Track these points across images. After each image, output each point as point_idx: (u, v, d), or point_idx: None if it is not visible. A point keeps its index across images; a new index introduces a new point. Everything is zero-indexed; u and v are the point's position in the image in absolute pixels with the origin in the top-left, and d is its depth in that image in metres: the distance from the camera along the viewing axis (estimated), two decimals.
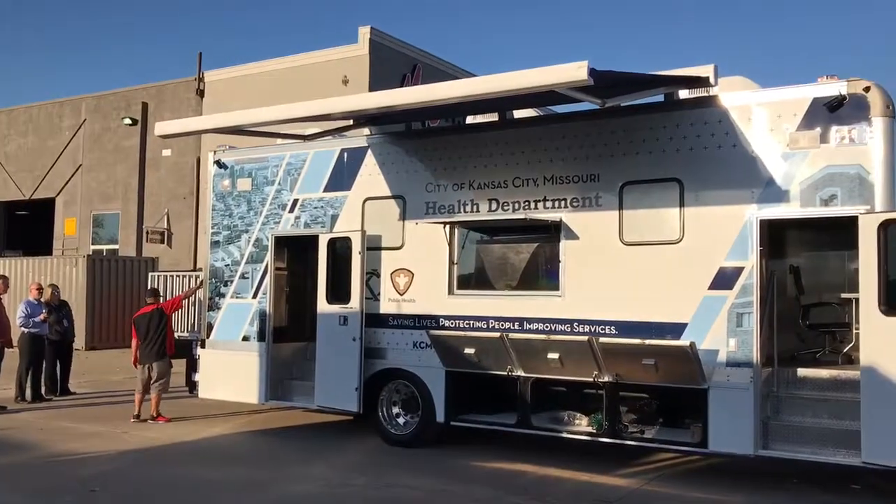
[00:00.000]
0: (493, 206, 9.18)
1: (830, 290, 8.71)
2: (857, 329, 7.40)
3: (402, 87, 21.52)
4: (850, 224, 7.23)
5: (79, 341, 20.42)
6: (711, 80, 7.90)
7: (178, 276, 16.48)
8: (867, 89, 7.31)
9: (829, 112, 7.43)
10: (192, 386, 11.73)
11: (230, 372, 10.92)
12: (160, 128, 10.46)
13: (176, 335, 12.31)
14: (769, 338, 7.87)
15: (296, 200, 10.59)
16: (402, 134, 10.04)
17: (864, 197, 7.25)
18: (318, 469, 8.58)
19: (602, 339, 8.21)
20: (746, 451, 7.63)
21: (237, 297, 10.98)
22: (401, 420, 9.82)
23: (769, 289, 7.99)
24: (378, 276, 9.85)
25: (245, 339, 10.81)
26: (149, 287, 18.09)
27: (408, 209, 9.71)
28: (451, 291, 9.38)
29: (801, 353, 8.67)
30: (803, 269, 9.05)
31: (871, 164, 7.26)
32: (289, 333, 11.00)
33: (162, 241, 26.68)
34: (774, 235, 8.34)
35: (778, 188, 7.63)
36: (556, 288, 8.72)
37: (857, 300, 7.27)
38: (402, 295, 9.67)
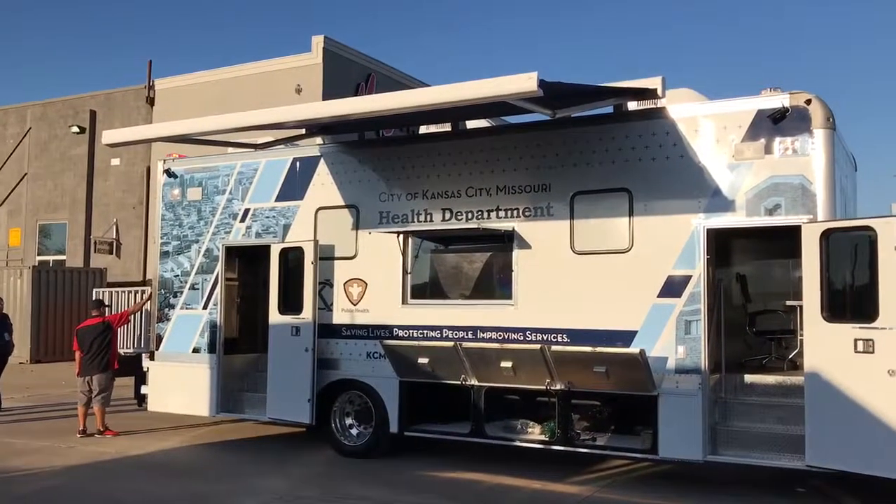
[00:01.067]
0: (447, 215, 9.21)
1: (776, 297, 8.92)
2: (801, 336, 7.57)
3: (356, 96, 21.47)
4: (794, 233, 7.41)
5: (24, 354, 19.91)
6: (659, 92, 8.04)
7: (125, 291, 16.18)
8: (809, 102, 7.52)
9: (773, 124, 7.62)
10: (140, 399, 11.50)
11: (180, 384, 10.74)
12: (108, 136, 10.27)
13: (121, 352, 12.08)
14: (717, 345, 8.03)
15: (247, 210, 10.49)
16: (356, 143, 10.02)
17: (807, 206, 7.45)
18: (270, 482, 8.47)
19: (554, 348, 8.28)
20: (696, 456, 7.75)
21: (187, 309, 10.81)
22: (354, 431, 9.76)
23: (716, 296, 8.15)
24: (331, 286, 9.79)
25: (195, 350, 10.65)
26: (93, 298, 17.68)
27: (361, 219, 9.68)
28: (404, 301, 9.37)
29: (748, 360, 8.85)
30: (749, 277, 9.26)
31: (814, 174, 7.46)
32: (240, 345, 10.87)
33: (110, 252, 26.15)
34: (721, 244, 8.52)
35: (724, 198, 7.79)
36: (509, 297, 8.77)
37: (801, 307, 7.44)
38: (355, 305, 9.63)
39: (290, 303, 9.83)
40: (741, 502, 7.70)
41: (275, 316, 9.94)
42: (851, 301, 7.28)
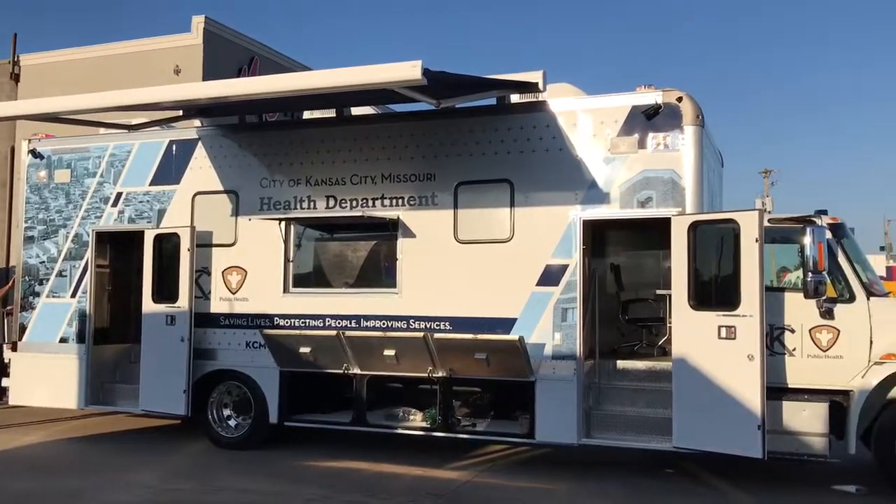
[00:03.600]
0: (331, 203, 9.12)
1: (647, 286, 9.32)
2: (670, 323, 7.95)
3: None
4: (664, 225, 7.76)
5: None
6: (540, 86, 8.23)
7: None
8: (680, 99, 7.87)
9: (647, 119, 7.94)
10: (0, 392, 10.86)
11: (46, 376, 10.22)
12: None
13: None
14: (591, 332, 8.32)
15: (119, 194, 10.08)
16: (236, 127, 9.76)
17: (677, 199, 7.80)
18: (143, 476, 8.17)
19: (437, 335, 8.36)
20: (571, 440, 8.01)
21: (54, 297, 10.28)
22: (232, 422, 9.55)
23: (591, 285, 8.44)
24: (209, 273, 9.53)
25: (63, 340, 10.16)
26: None
27: (241, 205, 9.45)
28: (286, 290, 9.22)
29: (621, 346, 9.21)
30: (623, 267, 9.63)
31: (683, 169, 7.82)
32: (111, 335, 10.46)
33: None
34: (597, 235, 8.83)
35: (600, 190, 8.06)
36: (393, 285, 8.79)
37: (670, 296, 7.81)
38: (234, 293, 9.41)
39: (165, 291, 9.51)
40: (613, 484, 8.01)
41: (149, 304, 9.59)
42: (716, 290, 7.68)
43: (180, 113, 10.12)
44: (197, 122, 9.96)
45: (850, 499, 7.46)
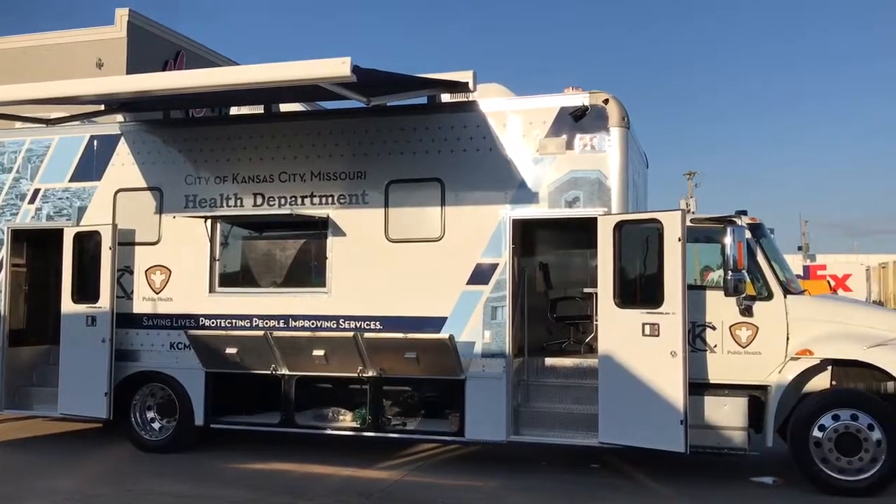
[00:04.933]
0: (259, 200, 8.98)
1: (575, 285, 9.47)
2: (596, 321, 8.09)
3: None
4: (591, 224, 7.89)
5: None
6: (470, 86, 8.25)
7: None
8: (606, 101, 8.01)
9: (574, 121, 8.06)
10: None
11: None
12: None
13: None
14: (521, 329, 8.42)
15: (37, 190, 9.74)
16: (160, 122, 9.54)
17: (603, 200, 7.95)
18: (62, 481, 7.90)
19: (367, 335, 8.33)
20: (500, 437, 8.07)
21: None
22: (156, 425, 9.33)
23: (521, 284, 8.54)
24: (131, 273, 9.28)
25: None
26: None
27: (165, 202, 9.23)
28: (212, 289, 9.05)
29: (549, 344, 9.35)
30: (552, 266, 9.77)
31: (609, 169, 7.97)
32: (28, 336, 10.15)
33: None
34: (526, 234, 8.92)
35: (529, 190, 8.15)
36: (323, 284, 8.71)
37: (596, 294, 7.95)
38: (157, 293, 9.18)
39: (86, 291, 9.23)
40: (541, 480, 8.11)
41: (68, 305, 9.30)
42: (640, 288, 7.85)
43: (102, 107, 9.82)
44: (119, 118, 9.69)
45: (767, 490, 7.72)
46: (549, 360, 8.57)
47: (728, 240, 7.48)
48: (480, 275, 8.17)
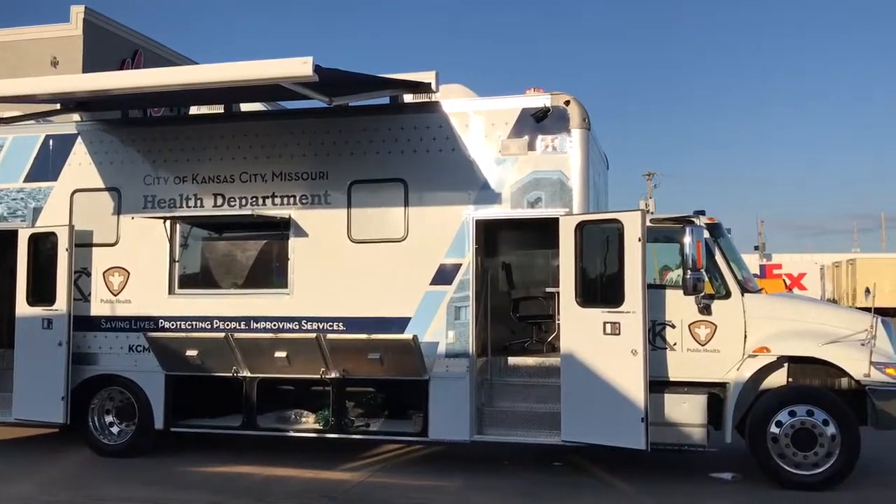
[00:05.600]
0: (219, 201, 8.89)
1: (537, 285, 9.53)
2: (558, 320, 8.15)
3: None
4: (553, 225, 7.95)
5: None
6: (433, 87, 8.27)
7: None
8: (567, 103, 8.08)
9: (536, 122, 8.12)
10: None
11: None
12: None
13: None
14: (484, 329, 8.45)
15: None
16: (118, 122, 9.39)
17: (565, 200, 8.01)
18: (17, 487, 7.74)
19: (330, 336, 8.29)
20: (463, 437, 8.09)
21: None
22: (115, 429, 9.18)
23: (484, 284, 8.56)
24: (88, 275, 9.13)
25: None
26: None
27: (123, 203, 9.09)
28: (171, 291, 8.94)
29: (512, 343, 9.39)
30: (514, 266, 9.82)
31: (571, 170, 8.04)
32: None
33: None
34: (489, 235, 8.95)
35: (492, 191, 8.18)
36: (285, 286, 8.65)
37: (558, 294, 8.01)
38: (116, 295, 9.04)
39: (42, 293, 9.05)
40: (505, 479, 8.15)
41: (23, 307, 9.11)
42: (601, 288, 7.94)
43: (57, 106, 9.62)
44: (76, 117, 9.51)
45: (726, 485, 7.84)
46: (512, 360, 8.61)
47: (687, 239, 7.59)
48: (444, 275, 8.19)
